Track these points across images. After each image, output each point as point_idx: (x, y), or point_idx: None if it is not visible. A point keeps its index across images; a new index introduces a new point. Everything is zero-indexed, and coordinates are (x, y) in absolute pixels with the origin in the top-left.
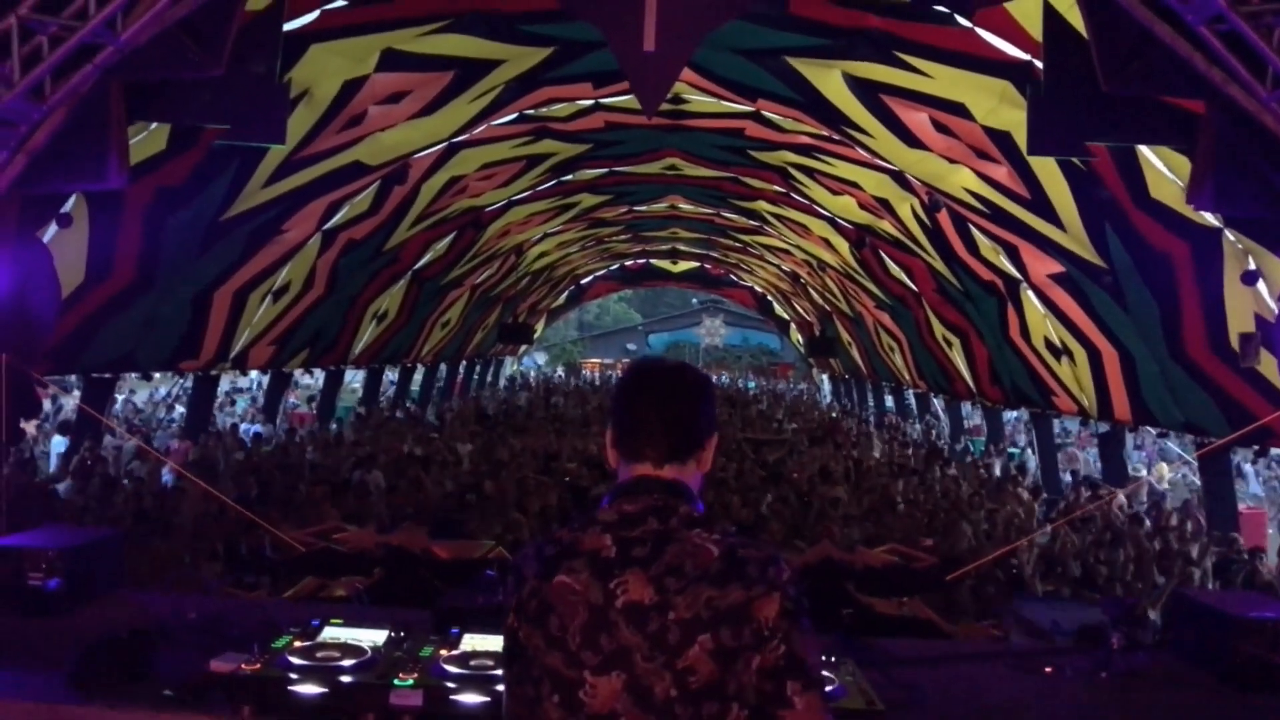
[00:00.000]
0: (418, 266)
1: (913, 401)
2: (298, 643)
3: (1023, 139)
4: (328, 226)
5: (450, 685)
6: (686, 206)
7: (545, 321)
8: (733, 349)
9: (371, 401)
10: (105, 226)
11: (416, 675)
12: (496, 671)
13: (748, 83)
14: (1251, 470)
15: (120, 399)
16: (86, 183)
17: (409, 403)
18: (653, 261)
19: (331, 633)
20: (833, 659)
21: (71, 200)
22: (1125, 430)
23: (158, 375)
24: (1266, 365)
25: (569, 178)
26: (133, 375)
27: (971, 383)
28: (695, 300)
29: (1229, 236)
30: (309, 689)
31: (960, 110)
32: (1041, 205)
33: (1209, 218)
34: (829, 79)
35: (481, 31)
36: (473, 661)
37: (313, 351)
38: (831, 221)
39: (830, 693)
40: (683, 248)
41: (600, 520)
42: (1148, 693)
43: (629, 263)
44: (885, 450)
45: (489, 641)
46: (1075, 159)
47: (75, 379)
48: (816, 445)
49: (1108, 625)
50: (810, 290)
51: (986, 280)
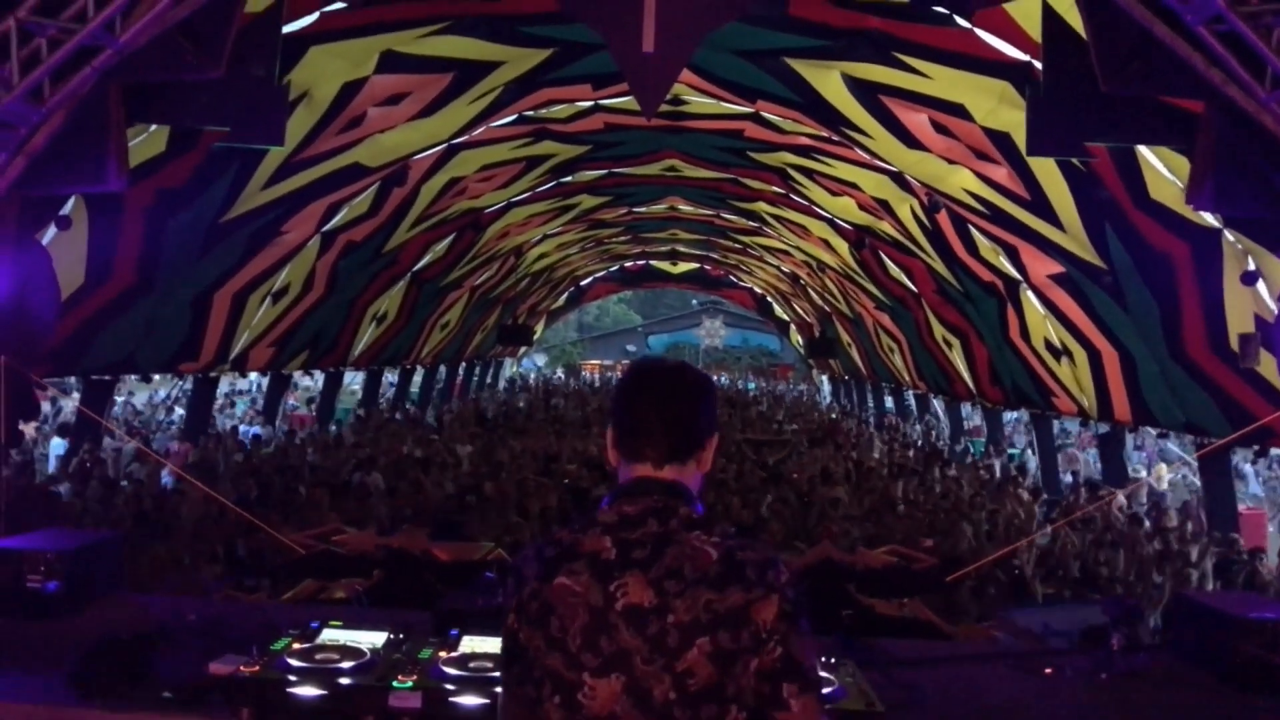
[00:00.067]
0: (417, 268)
1: (913, 402)
2: (297, 645)
3: (1022, 140)
4: (327, 228)
5: (449, 687)
6: (686, 208)
7: (545, 323)
8: (732, 350)
9: (371, 403)
10: (105, 228)
11: (415, 677)
12: (496, 673)
13: (747, 84)
14: (1251, 470)
15: (120, 401)
16: (86, 185)
17: (409, 404)
18: (652, 263)
19: (330, 635)
20: (833, 660)
21: (71, 202)
22: (1125, 431)
23: (157, 377)
24: (1266, 365)
25: (568, 179)
26: (132, 377)
27: (971, 384)
28: (695, 301)
29: (1229, 237)
30: (308, 691)
31: (960, 111)
32: (1041, 206)
33: (1209, 218)
34: (828, 80)
35: (481, 33)
36: (472, 663)
37: (312, 353)
38: (831, 222)
39: (830, 694)
40: (682, 249)
41: (600, 522)
42: (1148, 693)
43: (629, 264)
44: (885, 451)
45: (488, 643)
46: (1075, 160)
47: (75, 381)
48: (817, 446)
49: (1107, 626)
50: (810, 291)
51: (986, 281)
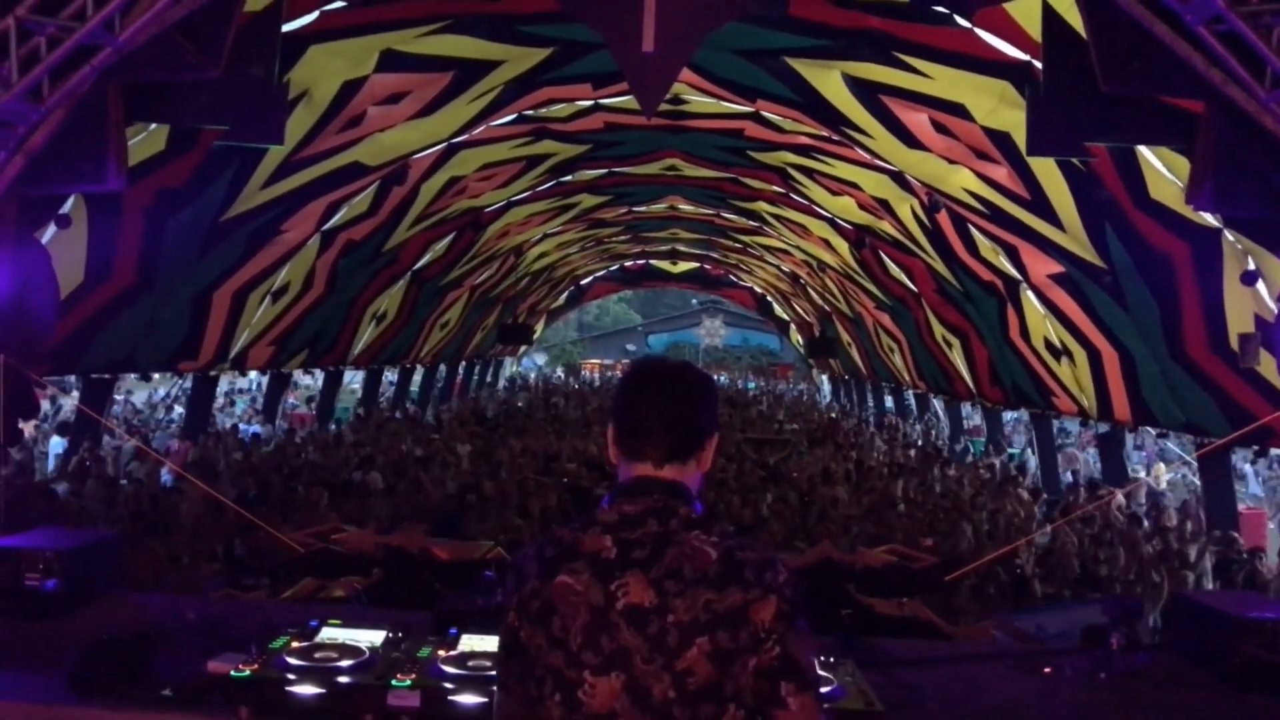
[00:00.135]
0: (417, 267)
1: (913, 402)
2: (295, 643)
3: (1022, 139)
4: (327, 227)
5: (448, 686)
6: (686, 207)
7: (545, 322)
8: (732, 350)
9: (371, 402)
10: (104, 227)
11: (414, 676)
12: (494, 672)
13: (747, 83)
14: (1251, 470)
15: (119, 400)
16: (85, 184)
17: (409, 403)
18: (652, 262)
19: (329, 633)
20: (832, 659)
21: (70, 201)
22: (1125, 431)
23: (156, 376)
24: (1266, 365)
25: (568, 178)
26: (131, 376)
27: (971, 383)
28: (695, 301)
29: (1228, 237)
30: (306, 690)
31: (960, 111)
32: (1041, 206)
33: (1208, 218)
34: (828, 80)
35: (481, 32)
36: (470, 662)
37: (312, 352)
38: (831, 222)
39: (829, 693)
40: (682, 248)
41: (601, 521)
42: (1147, 693)
43: (629, 263)
44: (885, 451)
45: (487, 642)
46: (1075, 159)
47: (74, 380)
48: (817, 446)
49: (1107, 626)
50: (810, 291)
51: (986, 281)
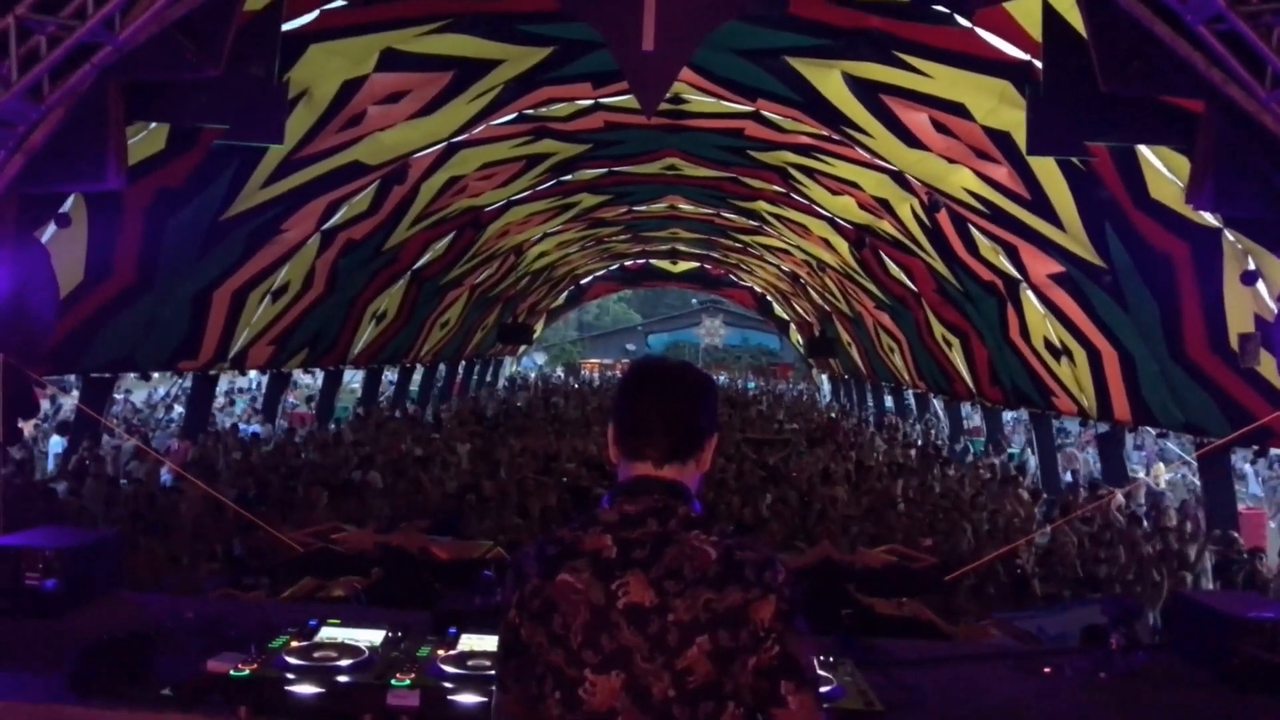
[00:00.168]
0: (417, 266)
1: (912, 402)
2: (295, 643)
3: (1022, 139)
4: (327, 226)
5: (447, 685)
6: (686, 206)
7: (545, 322)
8: (732, 349)
9: (371, 402)
10: (104, 226)
11: (414, 675)
12: (494, 672)
13: (747, 83)
14: (1251, 470)
15: (118, 399)
16: (85, 183)
17: (409, 403)
18: (652, 262)
19: (329, 633)
20: (832, 659)
21: (70, 200)
22: (1125, 431)
23: (156, 375)
24: (1266, 365)
25: (568, 178)
26: (131, 375)
27: (971, 383)
28: (695, 300)
29: (1228, 237)
30: (306, 689)
31: (960, 110)
32: (1041, 205)
33: (1209, 218)
34: (829, 79)
35: (481, 31)
36: (470, 662)
37: (312, 351)
38: (831, 222)
39: (829, 693)
40: (682, 248)
41: (601, 520)
42: (1147, 693)
43: (629, 263)
44: (885, 451)
45: (486, 642)
46: (1075, 159)
47: (74, 379)
48: (817, 446)
49: (1107, 626)
50: (810, 290)
51: (986, 280)
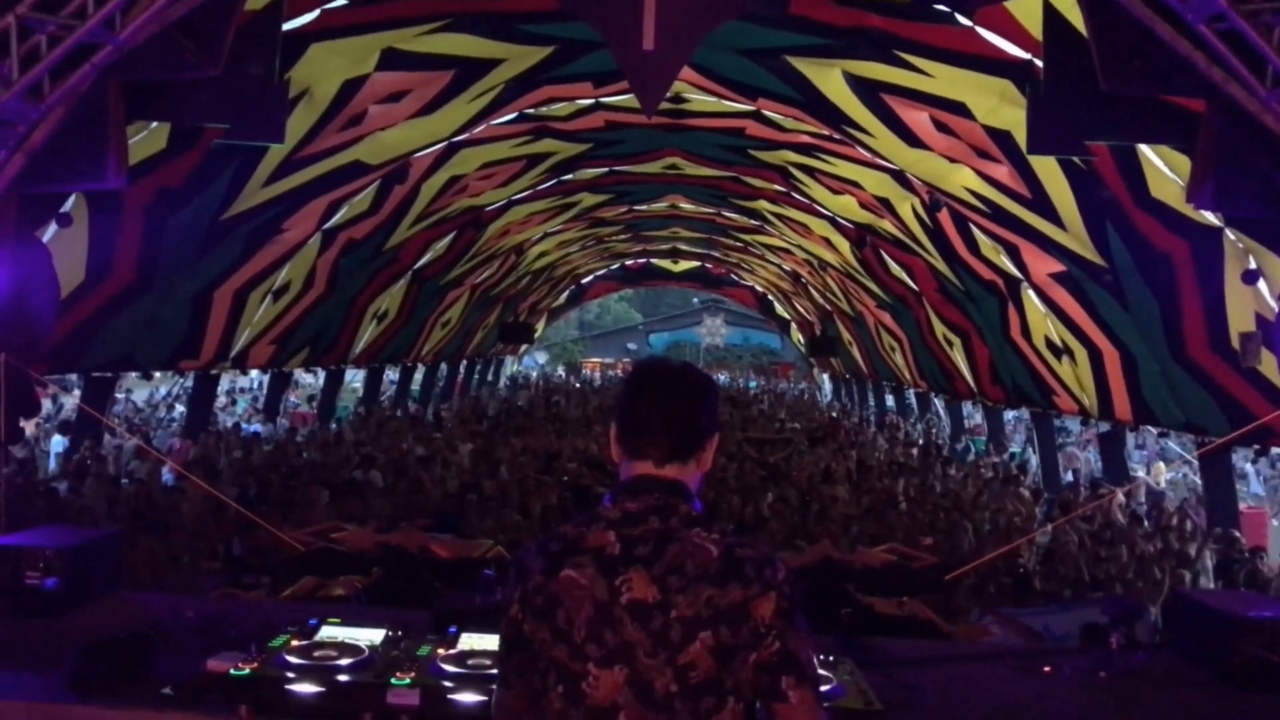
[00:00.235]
0: (418, 266)
1: (913, 401)
2: (295, 642)
3: (1023, 138)
4: (328, 226)
5: (447, 684)
6: (687, 206)
7: (546, 321)
8: (733, 348)
9: (372, 401)
10: (105, 226)
11: (414, 674)
12: (494, 670)
13: (748, 82)
14: (1252, 470)
15: (120, 398)
16: (85, 182)
17: (410, 402)
18: (653, 261)
19: (329, 632)
20: (831, 659)
21: (71, 200)
22: (1126, 430)
23: (157, 375)
24: (1267, 364)
25: (569, 177)
26: (132, 375)
27: (972, 382)
28: (696, 300)
29: (1229, 236)
30: (306, 688)
31: (961, 109)
32: (1042, 204)
33: (1209, 217)
34: (829, 78)
35: (481, 31)
36: (470, 661)
37: (313, 351)
38: (832, 221)
39: (828, 692)
40: (683, 247)
41: (604, 517)
42: (1147, 692)
43: (629, 262)
44: (886, 450)
45: (486, 641)
46: (1076, 158)
47: (75, 378)
48: (818, 445)
49: (1106, 625)
50: (811, 290)
51: (987, 279)
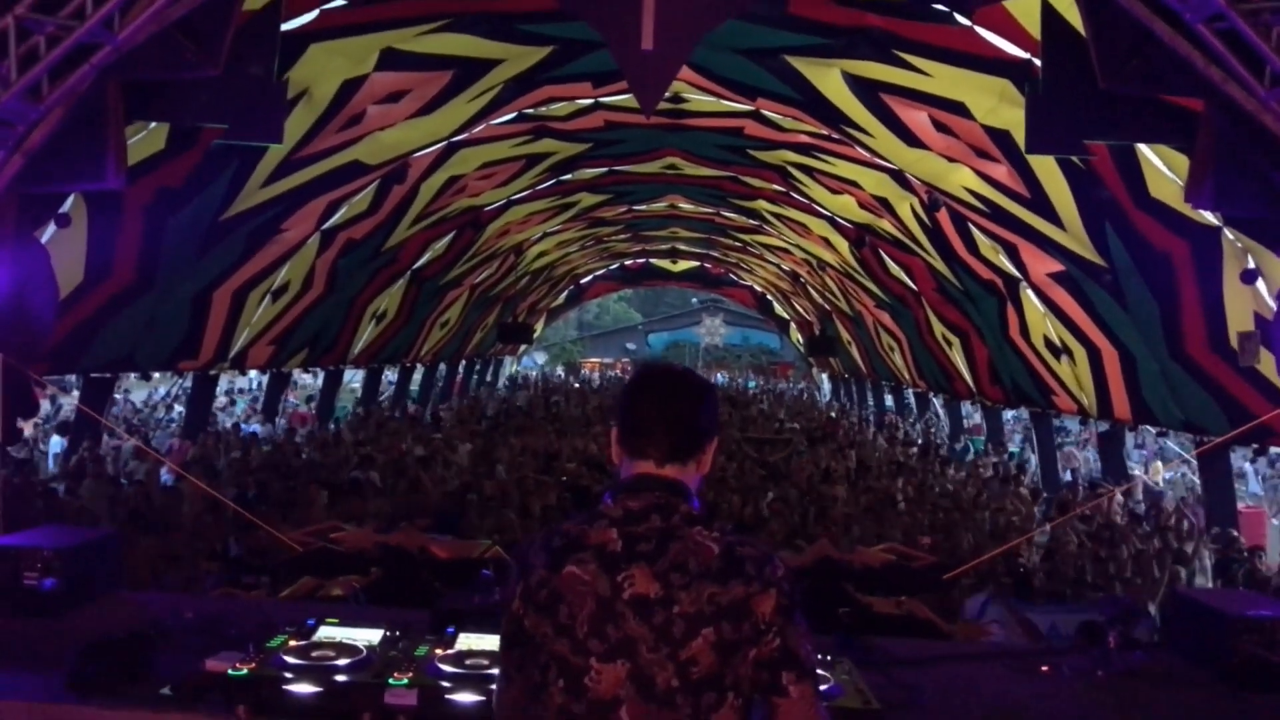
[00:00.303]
0: (417, 266)
1: (912, 401)
2: (293, 642)
3: (1022, 138)
4: (327, 226)
5: (445, 684)
6: (686, 206)
7: (545, 321)
8: (733, 348)
9: (371, 402)
10: (104, 226)
11: (411, 674)
12: (492, 671)
13: (747, 82)
14: (1251, 469)
15: (118, 399)
16: (84, 183)
17: (409, 402)
18: (652, 261)
19: (327, 632)
20: (830, 658)
21: (70, 200)
22: (1125, 429)
23: (156, 375)
24: (1266, 364)
25: (568, 177)
26: (131, 375)
27: (971, 382)
28: (695, 300)
29: (1228, 235)
30: (304, 688)
31: (960, 109)
32: (1041, 204)
33: (1208, 216)
34: (828, 78)
35: (480, 31)
36: (468, 661)
37: (312, 351)
38: (831, 221)
39: (827, 691)
40: (682, 247)
41: (606, 515)
42: (1146, 691)
43: (629, 262)
44: (886, 450)
45: (485, 641)
46: (1075, 158)
47: (74, 379)
48: (817, 445)
49: (1105, 624)
50: (810, 289)
51: (986, 279)
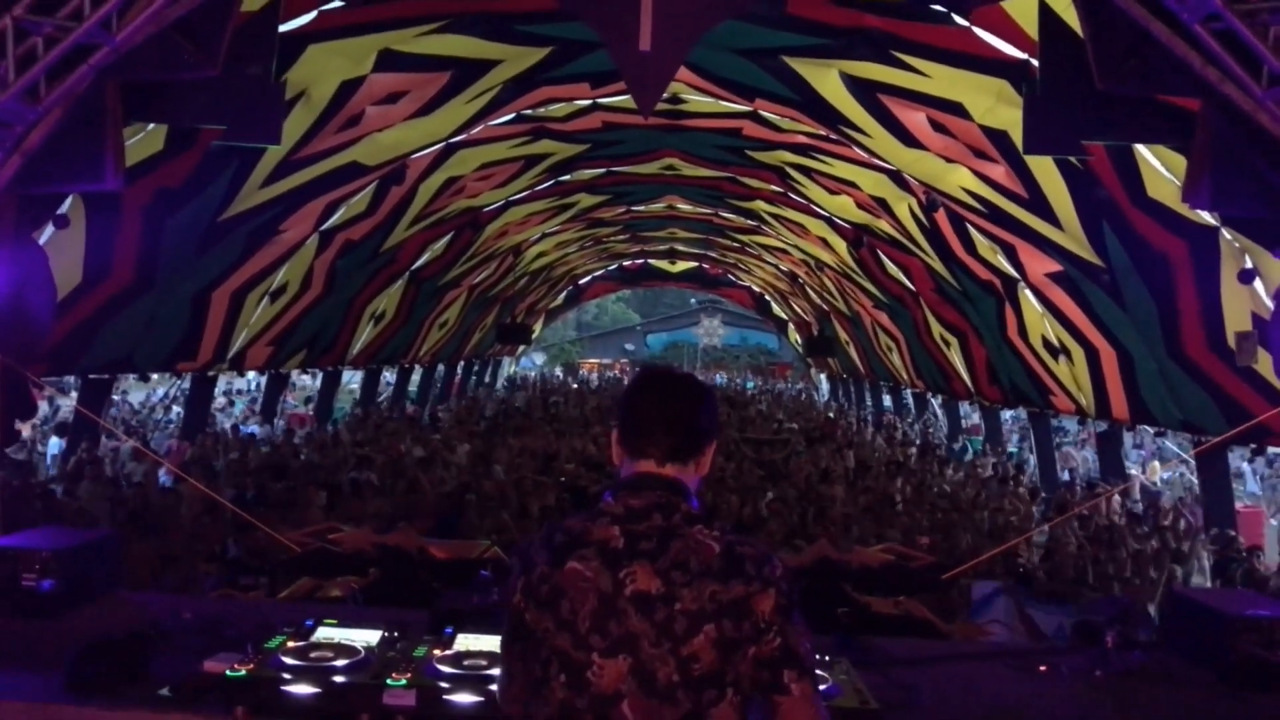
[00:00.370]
0: (415, 267)
1: (911, 401)
2: (291, 643)
3: (1020, 138)
4: (325, 227)
5: (444, 685)
6: (684, 206)
7: (543, 322)
8: (731, 349)
9: (369, 402)
10: (102, 227)
11: (410, 675)
12: (490, 671)
13: (745, 82)
14: (1249, 469)
15: (116, 400)
16: (83, 184)
17: (408, 403)
18: (651, 261)
19: (325, 633)
20: (828, 658)
21: (68, 201)
22: (1123, 429)
23: (155, 376)
24: (1263, 364)
25: (567, 178)
26: (129, 377)
27: (970, 382)
28: (693, 300)
29: (1226, 235)
30: (302, 689)
31: (958, 109)
32: (1039, 204)
33: (1206, 216)
34: (827, 78)
35: (479, 31)
36: (466, 661)
37: (310, 352)
38: (829, 221)
39: (825, 691)
40: (681, 248)
41: (607, 512)
42: (1144, 691)
43: (627, 263)
44: (884, 450)
45: (483, 641)
46: (1072, 158)
47: (73, 380)
48: (816, 445)
49: (1103, 624)
50: (808, 290)
51: (984, 280)
